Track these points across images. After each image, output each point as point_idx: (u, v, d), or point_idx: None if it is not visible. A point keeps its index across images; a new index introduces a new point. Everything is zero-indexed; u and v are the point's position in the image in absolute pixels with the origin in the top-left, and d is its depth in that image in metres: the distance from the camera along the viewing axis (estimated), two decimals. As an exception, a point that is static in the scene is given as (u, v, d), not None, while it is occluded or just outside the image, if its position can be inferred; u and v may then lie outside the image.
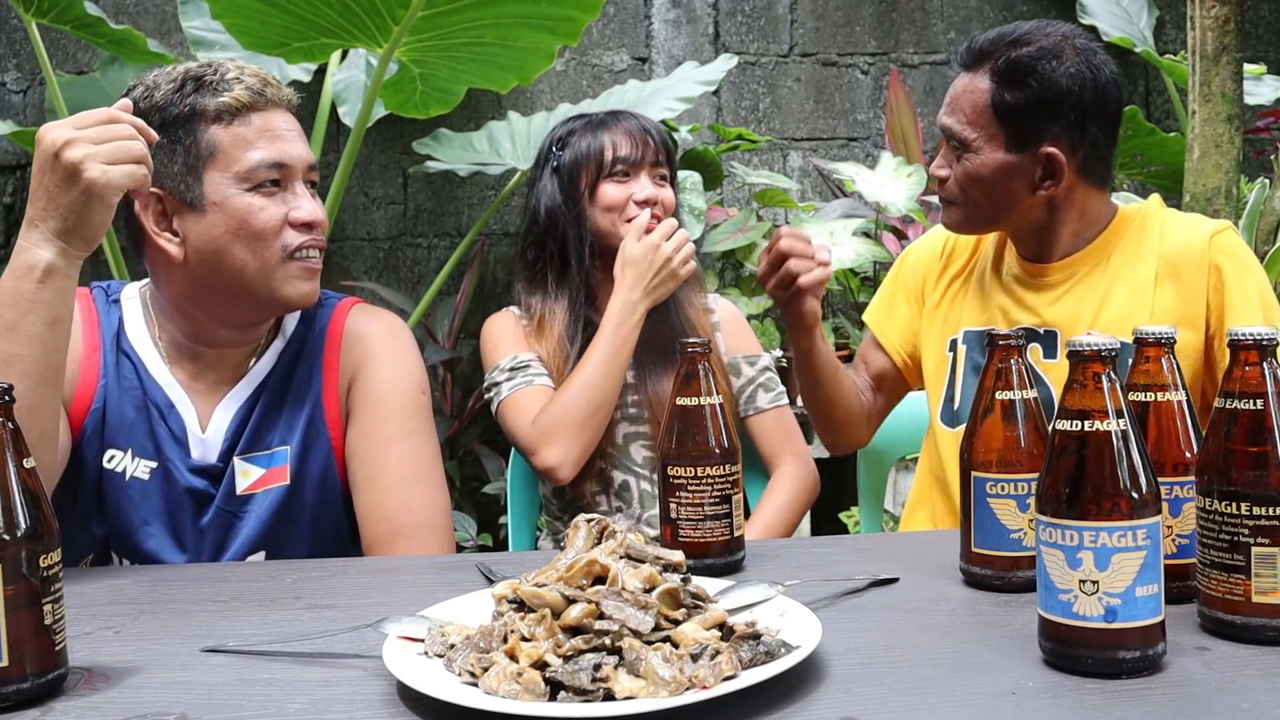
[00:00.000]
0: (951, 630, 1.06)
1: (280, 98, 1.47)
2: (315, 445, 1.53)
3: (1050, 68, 1.55)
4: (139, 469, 1.48)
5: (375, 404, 1.55)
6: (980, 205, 1.63)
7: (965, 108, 1.60)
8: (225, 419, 1.51)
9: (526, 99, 3.64)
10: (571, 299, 1.90)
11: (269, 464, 1.51)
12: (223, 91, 1.43)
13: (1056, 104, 1.56)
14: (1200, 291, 1.59)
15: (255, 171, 1.42)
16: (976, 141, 1.59)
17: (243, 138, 1.43)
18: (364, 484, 1.53)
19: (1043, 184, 1.60)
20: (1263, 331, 0.99)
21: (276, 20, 2.49)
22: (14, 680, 0.92)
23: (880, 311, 1.89)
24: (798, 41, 3.79)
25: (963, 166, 1.61)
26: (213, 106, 1.42)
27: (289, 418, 1.53)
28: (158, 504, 1.48)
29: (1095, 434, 0.92)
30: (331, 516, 1.55)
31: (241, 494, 1.49)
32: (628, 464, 1.89)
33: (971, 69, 1.62)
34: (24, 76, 3.52)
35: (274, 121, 1.45)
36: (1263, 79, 3.44)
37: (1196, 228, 1.64)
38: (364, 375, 1.55)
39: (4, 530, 0.92)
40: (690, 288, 1.97)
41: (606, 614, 0.93)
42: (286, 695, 0.94)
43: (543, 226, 1.92)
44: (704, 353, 1.31)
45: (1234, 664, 0.94)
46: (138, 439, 1.49)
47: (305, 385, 1.54)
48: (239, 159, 1.42)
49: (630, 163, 1.89)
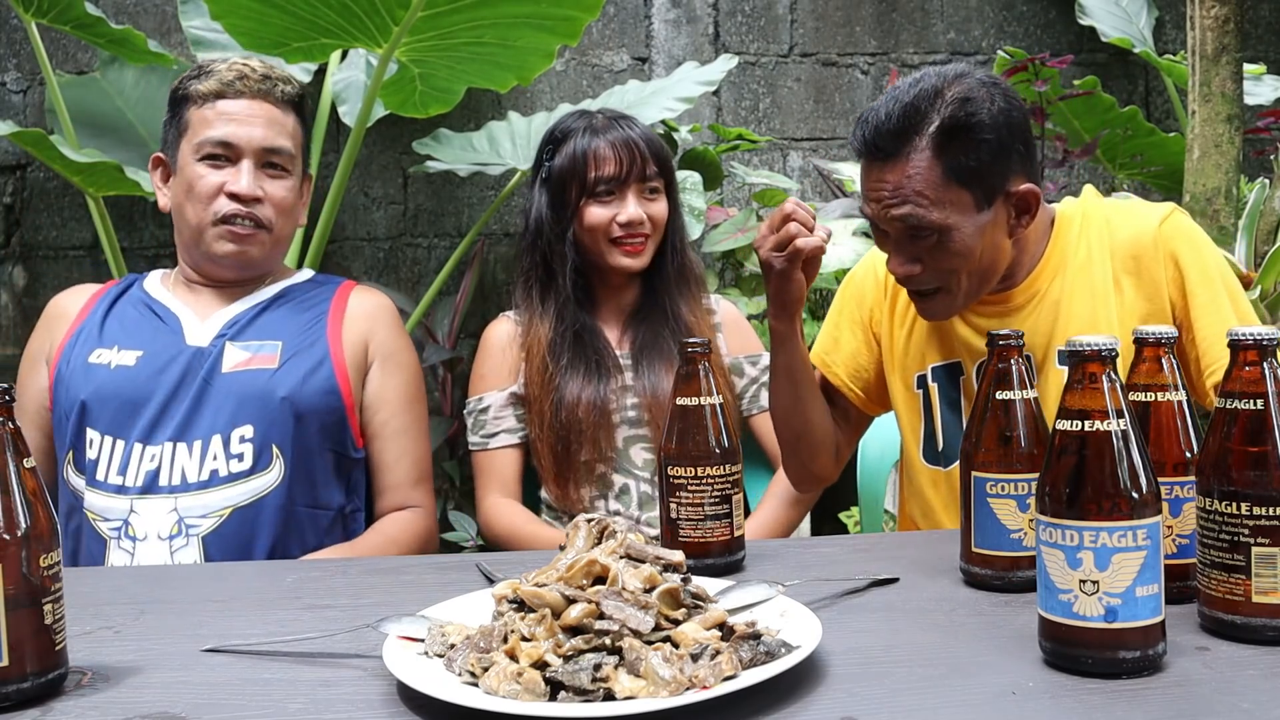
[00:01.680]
0: (951, 630, 1.06)
1: (252, 89, 1.72)
2: (312, 348, 1.72)
3: (983, 113, 1.44)
4: (124, 358, 1.68)
5: (401, 363, 1.79)
6: (972, 276, 1.51)
7: (920, 190, 1.44)
8: (225, 316, 1.74)
9: (526, 99, 3.64)
10: (559, 308, 1.89)
11: (259, 351, 1.70)
12: (203, 80, 1.73)
13: (1006, 143, 1.45)
14: (1160, 285, 1.53)
15: (203, 145, 1.71)
16: (951, 218, 1.45)
17: (204, 118, 1.72)
18: (394, 433, 1.76)
19: (1020, 222, 1.51)
20: (1263, 331, 0.99)
21: (276, 20, 2.49)
22: (14, 680, 0.92)
23: (825, 349, 1.76)
24: (798, 41, 3.79)
25: (945, 250, 1.47)
26: (192, 91, 1.73)
27: (286, 324, 1.74)
28: (141, 384, 1.65)
29: (1095, 434, 0.92)
30: (314, 414, 1.68)
31: (227, 371, 1.67)
32: (628, 467, 1.89)
33: (894, 155, 1.45)
34: (24, 76, 3.52)
35: (234, 107, 1.71)
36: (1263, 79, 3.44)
37: (1143, 217, 1.56)
38: (385, 336, 1.78)
39: (4, 530, 0.92)
40: (691, 289, 1.97)
41: (606, 614, 0.93)
42: (286, 695, 0.94)
43: (530, 236, 1.93)
44: (704, 353, 1.31)
45: (1234, 664, 0.94)
46: (127, 336, 1.71)
47: (312, 313, 1.76)
48: (197, 134, 1.71)
49: (615, 182, 1.86)
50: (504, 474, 1.90)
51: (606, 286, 1.94)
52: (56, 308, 1.81)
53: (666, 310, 1.91)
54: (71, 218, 3.52)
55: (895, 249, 1.51)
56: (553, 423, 1.84)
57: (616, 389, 1.87)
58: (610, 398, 1.86)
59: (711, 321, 1.99)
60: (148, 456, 1.61)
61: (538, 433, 1.87)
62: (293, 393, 1.66)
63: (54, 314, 1.80)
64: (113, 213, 3.10)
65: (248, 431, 1.63)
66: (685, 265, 1.96)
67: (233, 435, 1.63)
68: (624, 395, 1.88)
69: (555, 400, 1.84)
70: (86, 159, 2.77)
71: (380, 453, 1.76)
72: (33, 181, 3.51)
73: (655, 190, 1.90)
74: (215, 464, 1.61)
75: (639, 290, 1.96)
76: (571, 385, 1.85)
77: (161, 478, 1.60)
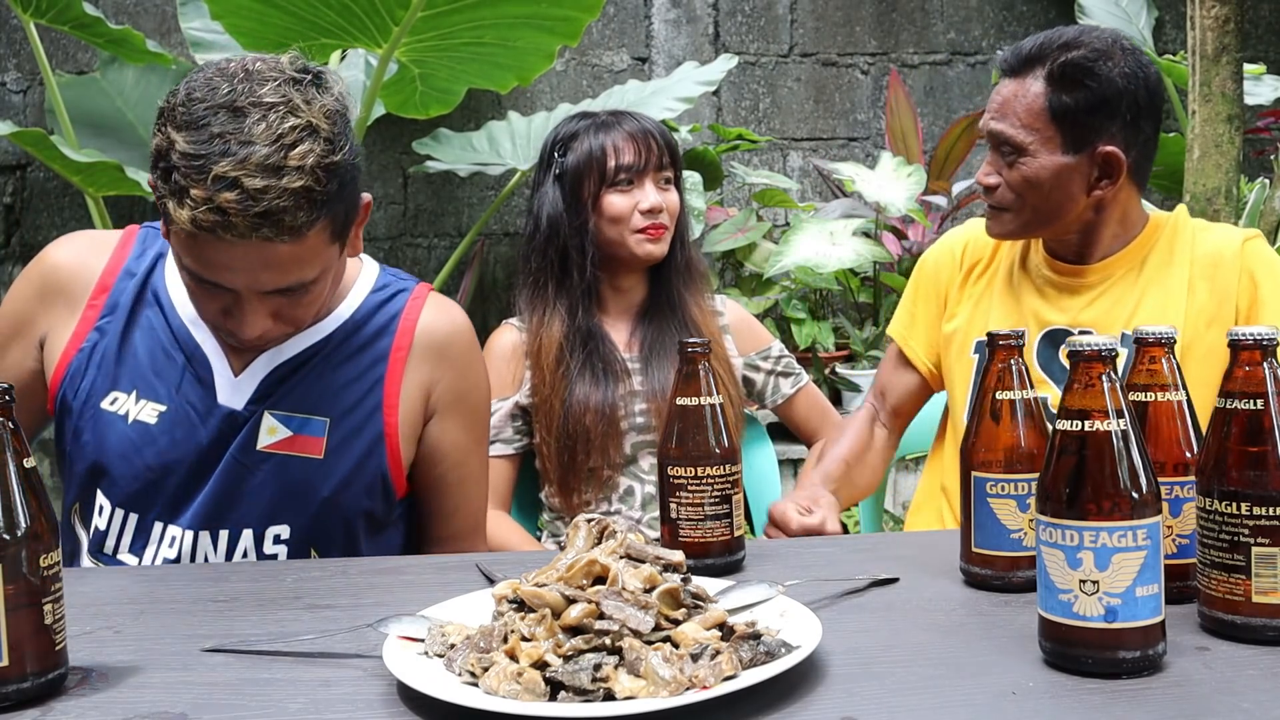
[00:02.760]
0: (951, 630, 1.06)
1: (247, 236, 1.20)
2: (364, 427, 1.44)
3: (1105, 68, 1.56)
4: (143, 412, 1.41)
5: (470, 409, 1.52)
6: (1037, 209, 1.62)
7: (1019, 112, 1.59)
8: (265, 369, 1.42)
9: (526, 99, 3.64)
10: (571, 309, 1.88)
11: (301, 429, 1.41)
12: (176, 203, 1.21)
13: (1113, 104, 1.57)
14: (1231, 294, 1.62)
15: (190, 275, 1.29)
16: (1033, 145, 1.58)
17: (185, 245, 1.25)
18: (453, 485, 1.52)
19: (1099, 184, 1.60)
20: (1263, 331, 0.99)
21: (276, 21, 2.49)
22: (14, 680, 0.92)
23: (903, 323, 1.87)
24: (798, 41, 3.79)
25: (1018, 171, 1.60)
26: (170, 207, 1.22)
27: (338, 391, 1.43)
28: (163, 450, 1.40)
29: (1095, 434, 0.92)
30: (361, 503, 1.45)
31: (261, 450, 1.40)
32: (635, 471, 1.89)
33: (1019, 74, 1.60)
34: (24, 76, 3.52)
35: (222, 256, 1.24)
36: (1263, 79, 3.45)
37: (1228, 234, 1.67)
38: (453, 378, 1.49)
39: (4, 530, 0.92)
40: (697, 284, 1.96)
41: (606, 614, 0.93)
42: (286, 695, 0.94)
43: (544, 235, 1.90)
44: (704, 352, 1.31)
45: (1234, 664, 0.94)
46: (146, 382, 1.41)
47: (366, 364, 1.45)
48: (181, 250, 1.27)
49: (634, 170, 1.86)
50: (496, 484, 1.89)
51: (615, 286, 1.94)
52: (57, 277, 1.46)
53: (674, 307, 1.91)
54: (71, 218, 3.52)
55: (988, 159, 1.66)
56: (560, 429, 1.84)
57: (625, 394, 1.87)
58: (618, 404, 1.86)
59: (718, 322, 1.99)
60: (168, 539, 1.41)
61: (544, 437, 1.87)
62: (338, 491, 1.42)
63: (53, 284, 1.46)
64: (113, 212, 3.10)
65: (284, 532, 1.42)
66: (691, 259, 1.97)
67: (267, 533, 1.42)
68: (632, 401, 1.88)
69: (564, 402, 1.84)
70: (86, 159, 2.77)
71: (434, 504, 1.53)
72: (33, 181, 3.51)
73: (669, 180, 1.91)
74: (246, 560, 1.42)
75: (647, 287, 1.96)
76: (579, 390, 1.84)
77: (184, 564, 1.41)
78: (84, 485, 1.44)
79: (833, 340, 3.37)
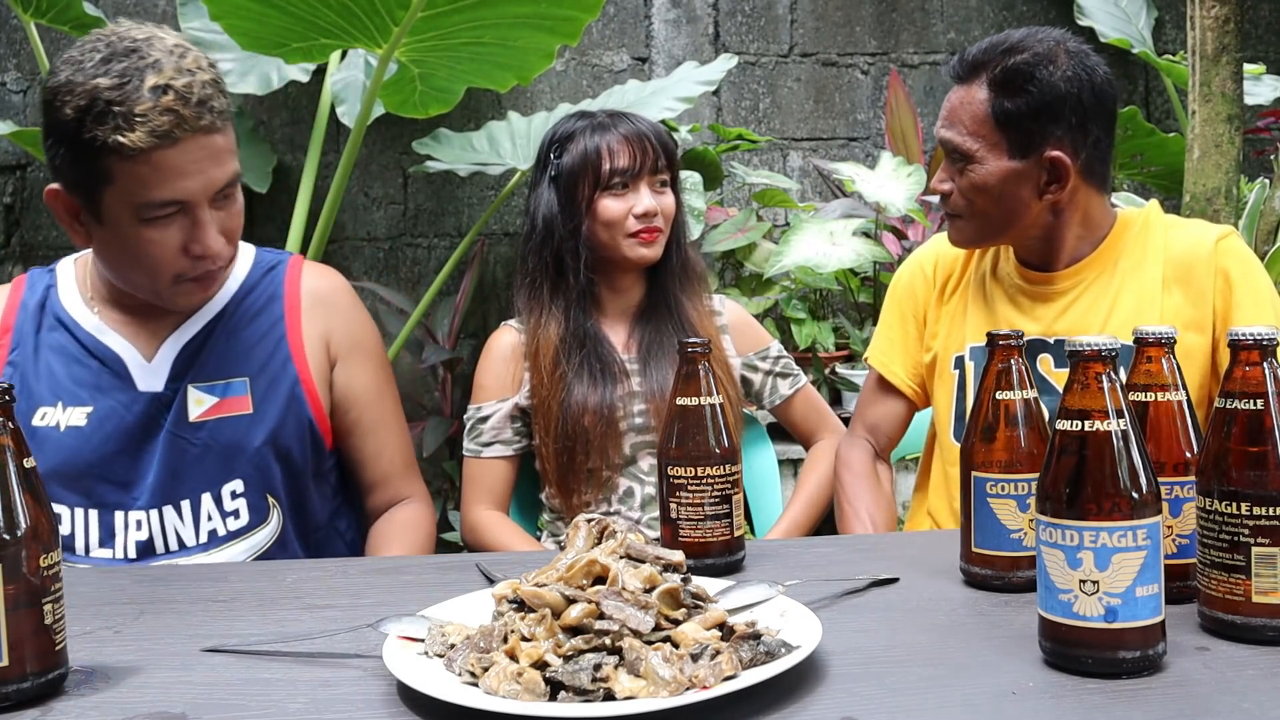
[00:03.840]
0: (951, 630, 1.06)
1: (196, 126, 1.37)
2: (280, 377, 1.57)
3: (1047, 72, 1.56)
4: (73, 417, 1.51)
5: (367, 353, 1.66)
6: (989, 215, 1.62)
7: (965, 119, 1.60)
8: (173, 351, 1.54)
9: (526, 99, 3.64)
10: (568, 310, 1.89)
11: (225, 393, 1.54)
12: (124, 130, 1.33)
13: (1057, 107, 1.56)
14: (1207, 295, 1.60)
15: (148, 208, 1.38)
16: (979, 151, 1.59)
17: (139, 176, 1.36)
18: (371, 427, 1.65)
19: (1049, 188, 1.60)
20: (1263, 331, 0.99)
21: (275, 21, 2.49)
22: (14, 680, 0.92)
23: (881, 349, 1.86)
24: (798, 41, 3.79)
25: (967, 178, 1.61)
26: (111, 142, 1.34)
27: (247, 350, 1.56)
28: (99, 444, 1.49)
29: (1095, 434, 0.92)
30: (298, 447, 1.57)
31: (194, 420, 1.52)
32: (634, 472, 1.89)
33: (966, 80, 1.61)
34: (24, 76, 3.52)
35: (176, 159, 1.36)
36: (1262, 79, 3.44)
37: (1202, 232, 1.65)
38: (345, 324, 1.64)
39: (4, 530, 0.92)
40: (694, 285, 1.96)
41: (606, 614, 0.93)
42: (286, 695, 0.94)
43: (540, 236, 1.90)
44: (704, 353, 1.31)
45: (1234, 664, 0.94)
46: (67, 390, 1.52)
47: (268, 324, 1.59)
48: (133, 193, 1.37)
49: (629, 174, 1.86)
50: (494, 484, 1.89)
51: (612, 287, 1.94)
52: None
53: (671, 308, 1.91)
54: (71, 218, 3.52)
55: (942, 166, 1.67)
56: (559, 430, 1.84)
57: (623, 395, 1.87)
58: (617, 405, 1.85)
59: (716, 322, 1.99)
60: (133, 523, 1.50)
61: (543, 438, 1.87)
62: (274, 435, 1.54)
63: None
64: (112, 213, 3.09)
65: (238, 486, 1.53)
66: (688, 261, 1.97)
67: (223, 492, 1.52)
68: (631, 402, 1.87)
69: (563, 403, 1.84)
70: (86, 159, 2.76)
71: (358, 449, 1.66)
72: (33, 181, 3.51)
73: (664, 183, 1.91)
74: (212, 524, 1.52)
75: (644, 289, 1.96)
76: (578, 391, 1.84)
77: (156, 544, 1.50)
78: None
79: (833, 340, 3.37)
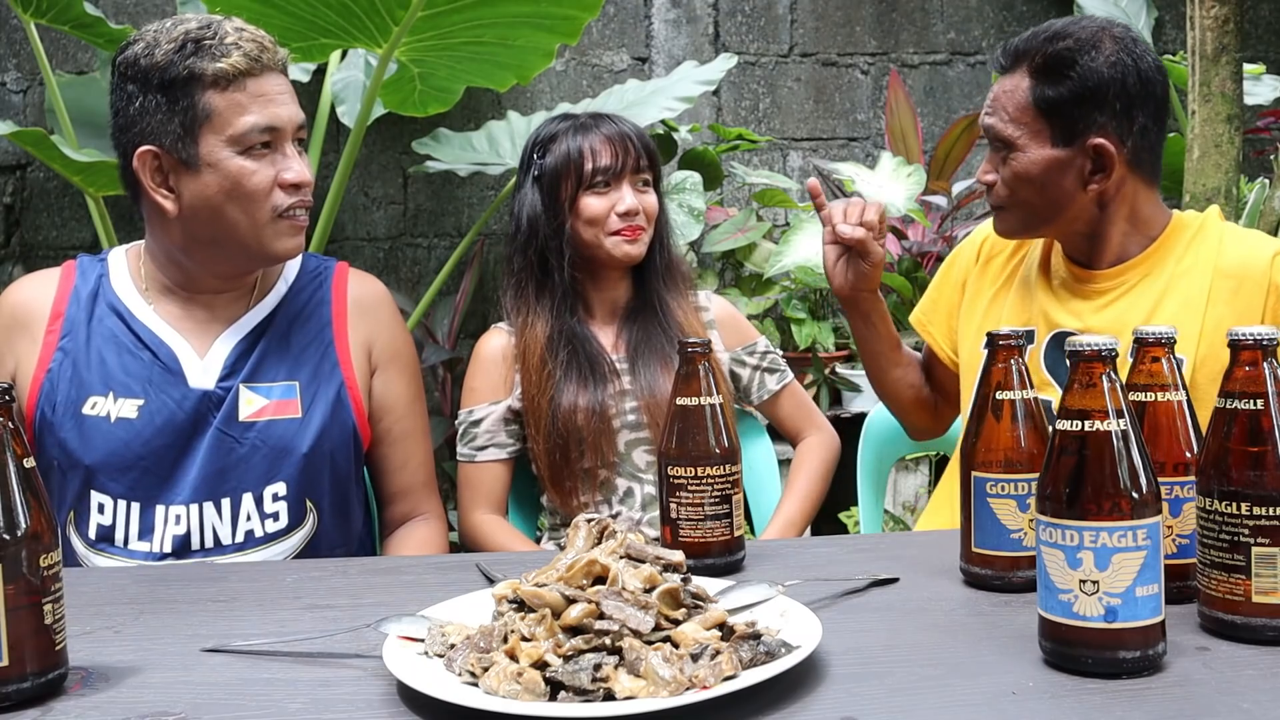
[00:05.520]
0: (951, 630, 1.06)
1: (275, 61, 1.52)
2: (328, 383, 1.60)
3: (1089, 58, 1.54)
4: (124, 409, 1.53)
5: (404, 364, 1.70)
6: (1032, 205, 1.60)
7: (1007, 107, 1.58)
8: (225, 349, 1.57)
9: (526, 98, 3.64)
10: (553, 309, 1.89)
11: (276, 395, 1.57)
12: (220, 57, 1.47)
13: (1100, 94, 1.54)
14: (1256, 310, 1.56)
15: (248, 136, 1.48)
16: (1022, 139, 1.57)
17: (237, 103, 1.48)
18: (400, 437, 1.68)
19: (1093, 178, 1.57)
20: (1263, 331, 0.99)
21: (276, 20, 2.49)
22: (14, 680, 0.92)
23: (925, 311, 1.88)
24: (798, 41, 3.79)
25: (1010, 167, 1.59)
26: (210, 71, 1.46)
27: (297, 355, 1.60)
28: (149, 438, 1.51)
29: (1095, 434, 0.92)
30: (342, 452, 1.60)
31: (244, 420, 1.54)
32: (631, 470, 1.89)
33: (1009, 70, 1.60)
34: (24, 76, 3.52)
35: (267, 86, 1.50)
36: (1262, 79, 3.44)
37: (1258, 245, 1.61)
38: (388, 335, 1.69)
39: (4, 530, 0.92)
40: (679, 285, 1.97)
41: (607, 614, 0.93)
42: (286, 695, 0.94)
43: (524, 236, 1.92)
44: (704, 353, 1.31)
45: (1234, 664, 0.94)
46: (119, 381, 1.54)
47: (316, 329, 1.63)
48: (233, 123, 1.47)
49: (611, 173, 1.87)
50: (491, 488, 1.89)
51: (597, 287, 1.94)
52: (14, 316, 1.59)
53: (657, 307, 1.92)
54: (71, 217, 3.52)
55: (987, 157, 1.65)
56: (550, 429, 1.84)
57: (614, 394, 1.87)
58: (609, 403, 1.86)
59: (703, 319, 2.00)
60: (172, 518, 1.51)
61: (534, 438, 1.87)
62: (320, 440, 1.57)
63: (11, 323, 1.58)
64: (112, 212, 3.10)
65: (280, 489, 1.55)
66: (673, 260, 1.98)
67: (265, 493, 1.54)
68: (622, 400, 1.88)
69: (553, 403, 1.84)
70: (86, 159, 2.77)
71: (386, 458, 1.69)
72: (33, 181, 3.51)
73: (647, 183, 1.92)
74: (250, 524, 1.53)
75: (630, 288, 1.96)
76: (568, 391, 1.84)
77: (193, 540, 1.51)
78: (78, 493, 1.52)
79: (833, 340, 3.37)
